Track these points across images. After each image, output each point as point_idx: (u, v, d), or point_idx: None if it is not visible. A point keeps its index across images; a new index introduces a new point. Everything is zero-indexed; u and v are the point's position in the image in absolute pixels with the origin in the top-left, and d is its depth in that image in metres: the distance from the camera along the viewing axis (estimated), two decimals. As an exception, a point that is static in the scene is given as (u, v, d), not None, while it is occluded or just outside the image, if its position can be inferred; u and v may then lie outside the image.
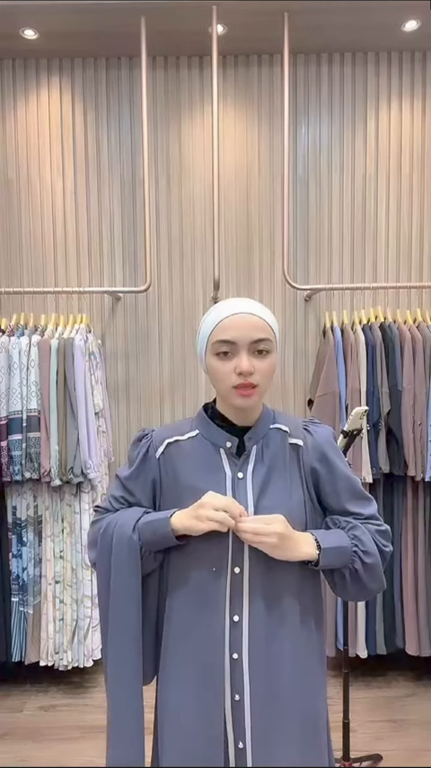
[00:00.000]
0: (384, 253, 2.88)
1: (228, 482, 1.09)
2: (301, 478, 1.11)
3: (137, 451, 1.17)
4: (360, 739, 2.21)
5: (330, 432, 1.18)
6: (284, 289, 2.86)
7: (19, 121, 2.85)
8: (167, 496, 1.13)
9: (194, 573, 1.08)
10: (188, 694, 1.07)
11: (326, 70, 2.83)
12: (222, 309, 1.08)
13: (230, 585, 1.06)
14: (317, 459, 1.13)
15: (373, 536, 1.10)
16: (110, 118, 2.86)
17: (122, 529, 1.09)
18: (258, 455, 1.11)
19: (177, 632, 1.10)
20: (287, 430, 1.14)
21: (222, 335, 1.05)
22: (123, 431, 2.93)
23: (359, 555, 1.06)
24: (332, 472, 1.12)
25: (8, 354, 2.40)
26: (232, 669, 1.05)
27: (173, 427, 1.19)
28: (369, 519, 1.13)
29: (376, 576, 1.09)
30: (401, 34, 2.63)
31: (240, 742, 1.05)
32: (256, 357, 1.05)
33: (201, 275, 2.89)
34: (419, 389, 2.43)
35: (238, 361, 1.04)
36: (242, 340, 1.04)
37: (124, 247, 2.89)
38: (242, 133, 2.85)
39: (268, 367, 1.07)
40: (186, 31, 2.57)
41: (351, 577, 1.07)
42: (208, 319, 1.10)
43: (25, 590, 2.47)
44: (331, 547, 1.05)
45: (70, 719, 2.37)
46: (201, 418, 1.17)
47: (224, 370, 1.05)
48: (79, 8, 2.39)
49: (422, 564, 2.49)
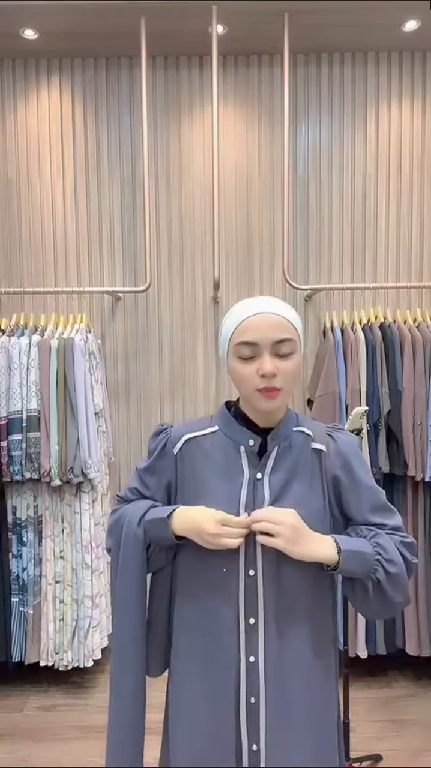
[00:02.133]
0: (384, 253, 2.88)
1: (245, 482, 1.06)
2: (322, 485, 1.08)
3: (154, 445, 1.16)
4: (360, 739, 2.21)
5: (354, 440, 1.14)
6: (284, 289, 2.86)
7: (19, 121, 2.85)
8: (184, 492, 1.11)
9: (205, 574, 1.07)
10: (201, 696, 1.06)
11: (326, 70, 2.83)
12: (242, 309, 1.04)
13: (245, 588, 1.05)
14: (340, 466, 1.09)
15: (397, 546, 1.05)
16: (110, 118, 2.86)
17: (130, 522, 1.10)
18: (279, 457, 1.08)
19: (189, 633, 1.09)
20: (311, 435, 1.10)
21: (243, 337, 1.01)
22: (123, 431, 2.93)
23: (382, 563, 1.01)
24: (354, 482, 1.08)
25: (8, 354, 2.40)
26: (248, 672, 1.04)
27: (192, 424, 1.17)
28: (394, 530, 1.08)
29: (401, 588, 1.03)
30: (401, 34, 2.63)
31: (254, 744, 1.04)
32: (279, 358, 1.01)
33: (201, 275, 2.89)
34: (419, 389, 2.43)
35: (260, 363, 1.00)
36: (264, 341, 1.00)
37: (124, 247, 2.89)
38: (242, 133, 2.86)
39: (292, 368, 1.02)
40: (186, 31, 2.57)
41: (374, 589, 1.02)
42: (228, 321, 1.06)
43: (25, 590, 2.47)
44: (352, 550, 1.00)
45: (70, 719, 2.37)
46: (223, 415, 1.13)
47: (246, 372, 1.02)
48: (79, 8, 2.39)
49: (422, 564, 2.49)
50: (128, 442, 2.93)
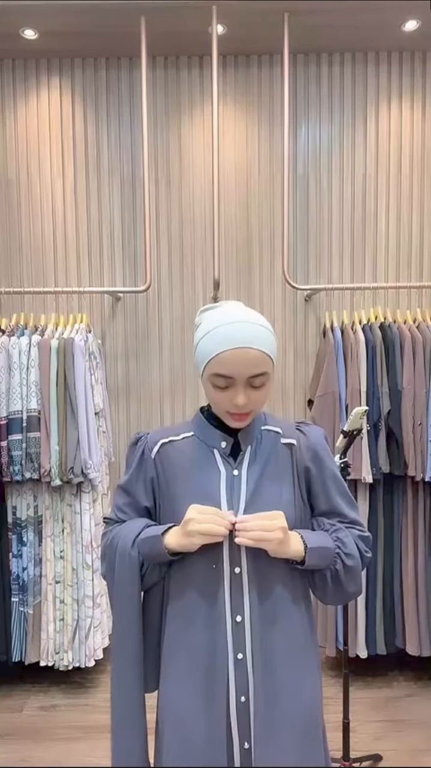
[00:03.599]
0: (384, 253, 2.88)
1: (223, 480, 1.10)
2: (293, 477, 1.13)
3: (134, 455, 1.20)
4: (360, 739, 2.21)
5: (321, 433, 1.20)
6: (284, 289, 2.86)
7: (19, 121, 2.85)
8: (165, 494, 1.15)
9: (192, 574, 1.09)
10: (191, 695, 1.07)
11: (326, 70, 2.83)
12: (221, 338, 1.04)
13: (231, 585, 1.07)
14: (310, 459, 1.15)
15: (355, 540, 1.12)
16: (110, 118, 2.86)
17: (123, 543, 1.12)
18: (252, 455, 1.13)
19: (178, 633, 1.10)
20: (280, 431, 1.16)
21: (220, 369, 1.04)
22: (123, 431, 2.93)
23: (341, 557, 1.08)
24: (323, 471, 1.15)
25: (8, 354, 2.40)
26: (236, 670, 1.05)
27: (167, 429, 1.22)
28: (353, 524, 1.15)
29: (355, 579, 1.11)
30: (401, 34, 2.63)
31: (246, 742, 1.05)
32: (252, 390, 1.06)
33: (201, 275, 2.89)
34: (419, 389, 2.43)
35: (234, 395, 1.05)
36: (240, 376, 1.04)
37: (124, 247, 2.89)
38: (242, 133, 2.85)
39: (263, 396, 1.09)
40: (186, 31, 2.57)
41: (332, 578, 1.09)
42: (206, 346, 1.06)
43: (26, 590, 2.47)
44: (316, 546, 1.07)
45: (70, 719, 2.37)
46: (198, 420, 1.19)
47: (219, 398, 1.08)
48: (79, 8, 2.39)
49: (422, 564, 2.49)
50: (128, 442, 2.92)
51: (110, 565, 1.14)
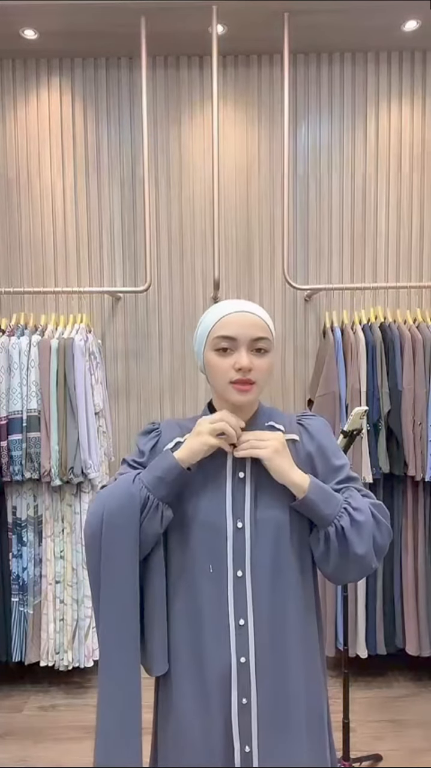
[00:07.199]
0: (384, 253, 2.88)
1: (229, 477, 1.10)
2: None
3: (146, 443, 1.16)
4: (360, 739, 2.21)
5: (322, 421, 1.18)
6: (284, 289, 2.86)
7: (19, 121, 2.85)
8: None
9: (194, 576, 1.08)
10: (191, 697, 1.06)
11: (326, 70, 2.83)
12: (223, 307, 1.10)
13: (234, 589, 1.05)
14: (314, 447, 1.14)
15: (368, 506, 1.07)
16: (110, 118, 2.85)
17: (119, 485, 1.07)
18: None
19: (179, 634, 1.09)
20: (282, 428, 1.14)
21: (223, 331, 1.06)
22: (123, 431, 2.93)
23: (348, 511, 1.04)
24: (324, 453, 1.13)
25: (8, 354, 2.40)
26: (239, 673, 1.04)
27: (181, 423, 1.18)
28: (365, 496, 1.11)
29: (364, 538, 1.02)
30: (401, 34, 2.63)
31: (247, 746, 1.04)
32: (255, 355, 1.06)
33: (201, 275, 2.89)
34: (419, 389, 2.43)
35: (238, 357, 1.05)
36: (243, 337, 1.05)
37: (124, 247, 2.89)
38: (242, 133, 2.85)
39: (266, 365, 1.08)
40: (186, 31, 2.57)
41: (337, 537, 1.02)
42: (208, 317, 1.11)
43: (26, 590, 2.47)
44: (322, 486, 1.05)
45: (70, 719, 2.37)
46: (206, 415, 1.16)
47: (222, 365, 1.06)
48: (79, 8, 2.39)
49: (422, 564, 2.49)
50: (128, 442, 2.93)
51: (95, 516, 1.05)
